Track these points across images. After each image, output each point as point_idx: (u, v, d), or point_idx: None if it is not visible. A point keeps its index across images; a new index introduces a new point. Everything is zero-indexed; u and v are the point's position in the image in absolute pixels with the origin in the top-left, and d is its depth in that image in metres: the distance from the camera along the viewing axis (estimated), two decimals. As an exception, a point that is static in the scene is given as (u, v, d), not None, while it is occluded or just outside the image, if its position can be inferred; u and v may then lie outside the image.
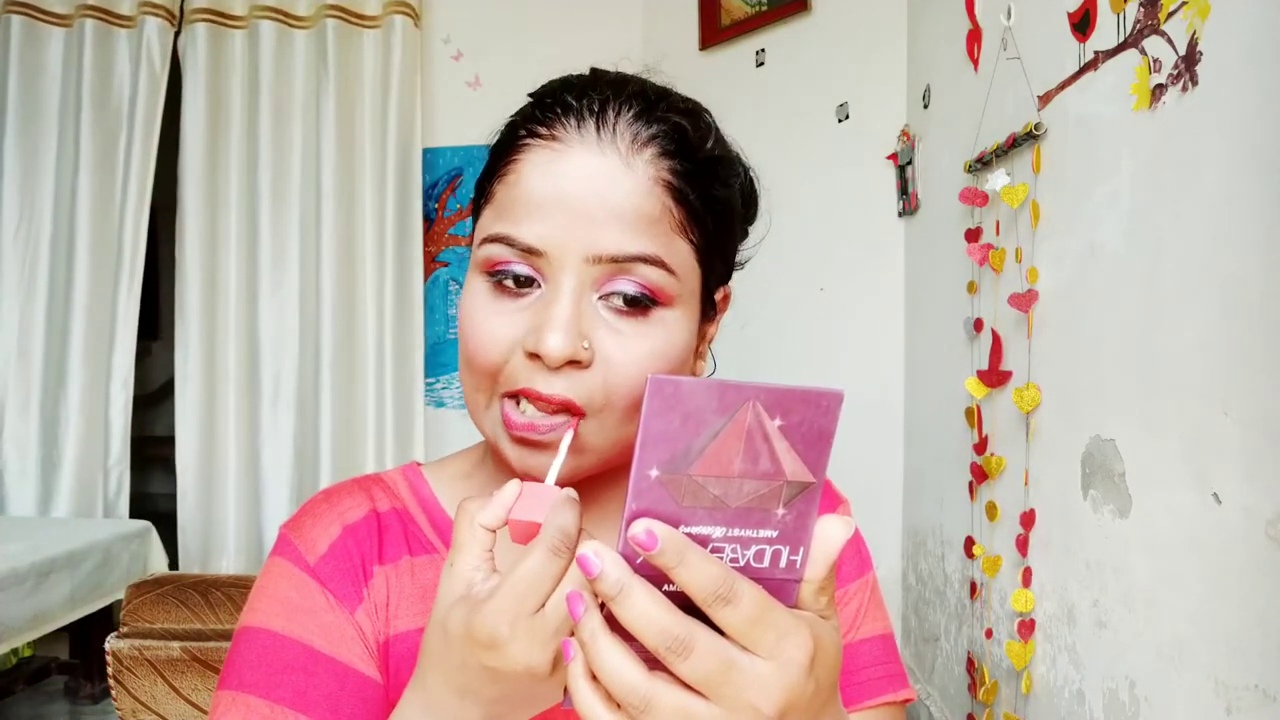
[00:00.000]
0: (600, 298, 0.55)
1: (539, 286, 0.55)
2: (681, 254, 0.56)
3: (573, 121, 0.55)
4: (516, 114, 0.59)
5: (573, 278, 0.53)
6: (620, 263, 0.54)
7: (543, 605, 0.43)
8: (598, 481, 0.62)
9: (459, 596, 0.46)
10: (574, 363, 0.53)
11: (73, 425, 3.15)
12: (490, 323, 0.55)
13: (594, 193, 0.53)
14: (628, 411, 0.55)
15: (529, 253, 0.54)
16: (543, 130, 0.56)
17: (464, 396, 0.59)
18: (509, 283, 0.55)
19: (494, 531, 0.47)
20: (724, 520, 0.36)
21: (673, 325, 0.56)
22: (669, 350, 0.56)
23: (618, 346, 0.54)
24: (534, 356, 0.53)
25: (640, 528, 0.35)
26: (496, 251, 0.55)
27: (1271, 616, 1.05)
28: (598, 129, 0.55)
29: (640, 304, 0.55)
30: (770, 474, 0.36)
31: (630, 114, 0.56)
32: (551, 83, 0.59)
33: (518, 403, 0.55)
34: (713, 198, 0.58)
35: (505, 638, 0.43)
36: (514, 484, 0.48)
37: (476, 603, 0.44)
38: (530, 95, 0.60)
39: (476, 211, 0.61)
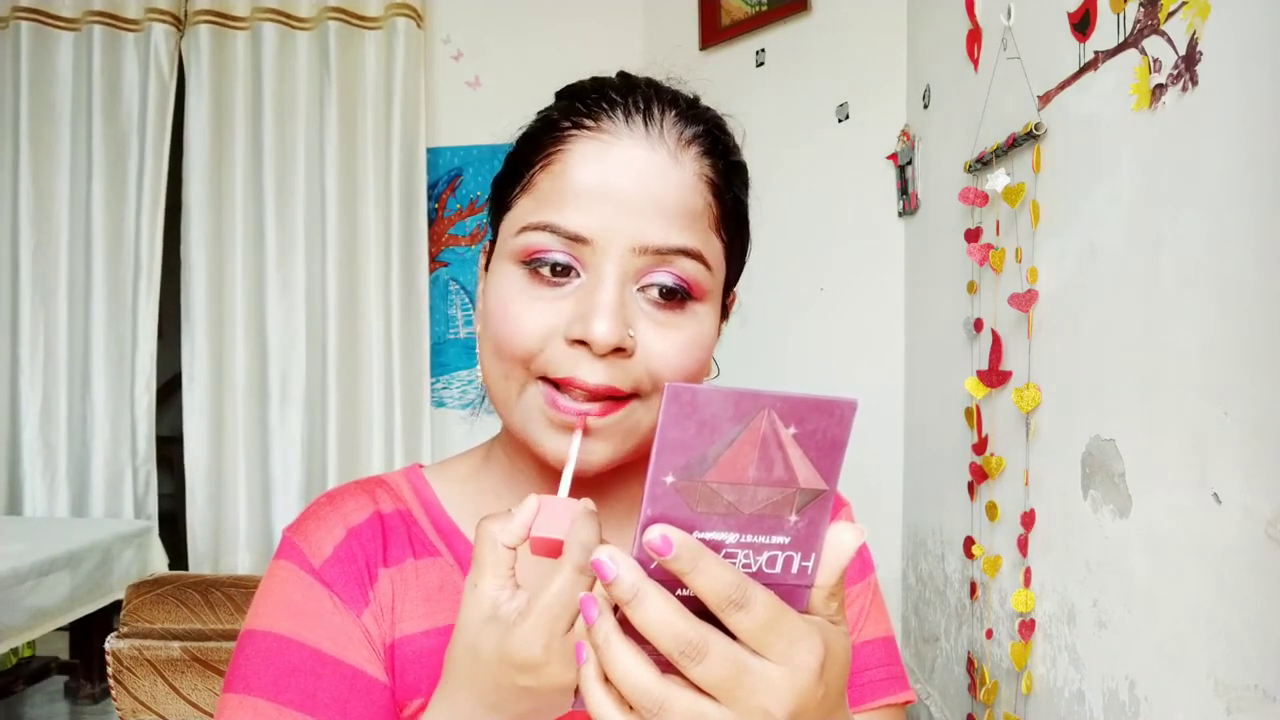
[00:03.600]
0: (639, 289, 0.55)
1: (577, 276, 0.55)
2: (715, 250, 0.58)
3: (620, 115, 0.56)
4: (552, 107, 0.60)
5: (617, 267, 0.54)
6: (663, 255, 0.54)
7: (574, 624, 0.44)
8: (607, 482, 0.62)
9: (486, 617, 0.46)
10: (618, 350, 0.53)
11: (99, 427, 3.19)
12: (527, 309, 0.55)
13: (643, 185, 0.54)
14: None
15: (574, 240, 0.54)
16: (589, 122, 0.56)
17: (489, 387, 0.59)
18: (545, 271, 0.55)
19: (515, 549, 0.48)
20: (737, 526, 0.37)
21: (704, 319, 0.57)
22: (703, 342, 0.57)
23: (658, 337, 0.55)
24: (577, 344, 0.53)
25: (655, 533, 0.36)
26: (538, 239, 0.55)
27: (1271, 616, 1.05)
28: (646, 124, 0.56)
29: (677, 296, 0.55)
30: (784, 481, 0.36)
31: (674, 113, 0.57)
32: (587, 80, 0.60)
33: (558, 389, 0.55)
34: (739, 200, 0.60)
35: (541, 660, 0.44)
36: (533, 499, 0.48)
37: (508, 626, 0.45)
38: (561, 93, 0.60)
39: (504, 203, 0.60)
